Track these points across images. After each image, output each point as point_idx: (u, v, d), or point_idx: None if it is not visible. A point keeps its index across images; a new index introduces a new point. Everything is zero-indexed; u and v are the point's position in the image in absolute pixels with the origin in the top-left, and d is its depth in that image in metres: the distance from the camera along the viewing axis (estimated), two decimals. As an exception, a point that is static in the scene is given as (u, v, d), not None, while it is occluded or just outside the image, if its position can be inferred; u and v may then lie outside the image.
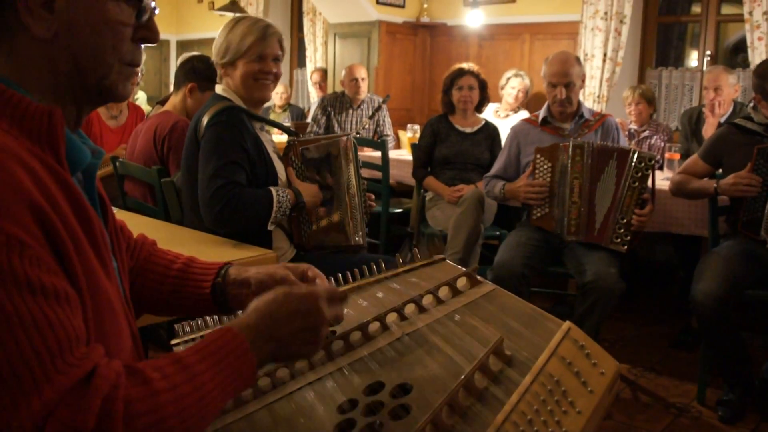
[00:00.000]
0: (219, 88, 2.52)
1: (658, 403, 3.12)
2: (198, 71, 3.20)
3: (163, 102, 3.58)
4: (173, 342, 1.47)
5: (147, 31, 1.04)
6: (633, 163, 3.06)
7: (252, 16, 2.57)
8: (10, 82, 0.93)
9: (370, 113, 5.60)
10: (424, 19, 6.74)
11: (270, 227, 2.35)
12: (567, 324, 1.08)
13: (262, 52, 2.42)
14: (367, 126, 5.56)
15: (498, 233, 4.11)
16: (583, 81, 3.43)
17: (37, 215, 0.83)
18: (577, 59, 3.39)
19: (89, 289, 0.91)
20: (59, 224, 0.86)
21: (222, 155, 2.31)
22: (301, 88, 8.49)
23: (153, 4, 1.04)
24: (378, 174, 4.54)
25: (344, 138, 2.61)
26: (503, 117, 5.47)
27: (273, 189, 2.36)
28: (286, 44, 2.75)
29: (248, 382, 1.00)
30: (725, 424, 2.90)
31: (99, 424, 0.79)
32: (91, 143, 1.07)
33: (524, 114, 5.33)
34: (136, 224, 2.44)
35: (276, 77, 2.50)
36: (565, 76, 3.30)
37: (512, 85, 5.48)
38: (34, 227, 0.82)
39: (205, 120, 2.38)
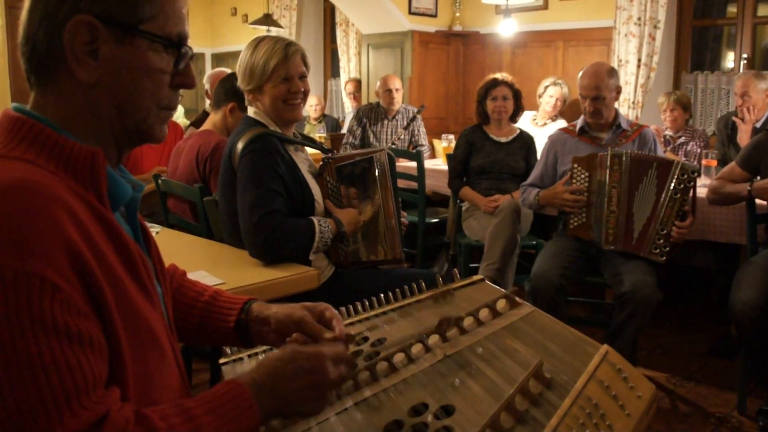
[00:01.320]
0: (250, 111, 2.53)
1: (697, 413, 3.12)
2: (238, 91, 3.27)
3: (197, 123, 3.64)
4: (221, 361, 1.53)
5: (184, 77, 1.10)
6: (676, 175, 3.06)
7: (271, 35, 2.54)
8: (56, 125, 1.00)
9: (405, 124, 5.65)
10: (457, 28, 6.78)
11: (311, 257, 2.35)
12: (605, 347, 1.12)
13: (287, 73, 2.41)
14: (402, 136, 5.61)
15: (534, 242, 4.13)
16: (619, 92, 3.43)
17: (74, 258, 0.89)
18: (610, 71, 3.39)
19: (127, 323, 0.96)
20: (95, 266, 0.92)
21: (259, 184, 2.31)
22: (335, 98, 8.58)
23: (191, 52, 1.09)
24: (414, 184, 4.59)
25: (379, 153, 2.62)
26: (541, 125, 5.48)
27: (315, 220, 2.36)
28: (319, 55, 2.78)
29: None
30: (767, 434, 2.89)
31: None
32: (132, 177, 1.14)
33: (562, 122, 5.34)
34: (182, 243, 2.53)
35: (305, 94, 2.49)
36: (595, 89, 3.32)
37: (550, 94, 5.48)
38: (69, 271, 0.88)
39: (239, 147, 2.39)
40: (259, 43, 2.44)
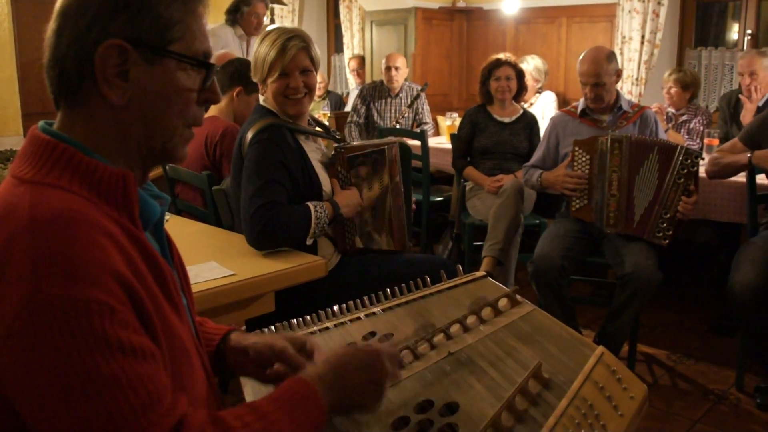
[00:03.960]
0: (261, 99, 2.56)
1: (696, 390, 3.19)
2: (242, 74, 3.28)
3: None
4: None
5: (210, 93, 1.12)
6: (680, 159, 3.10)
7: (280, 26, 2.52)
8: (86, 148, 1.02)
9: (409, 102, 5.67)
10: (460, 4, 6.76)
11: (308, 242, 2.37)
12: (600, 349, 1.18)
13: (285, 68, 2.40)
14: (406, 114, 5.63)
15: (538, 222, 4.18)
16: (619, 75, 3.46)
17: (122, 281, 0.93)
18: (609, 56, 3.41)
19: (166, 339, 1.01)
20: (139, 287, 0.97)
21: (262, 174, 2.34)
22: (339, 74, 8.59)
23: (217, 68, 1.13)
24: (418, 163, 4.64)
25: (392, 145, 2.64)
26: (528, 106, 5.49)
27: (311, 204, 2.37)
28: (323, 31, 2.73)
29: (319, 427, 1.09)
30: (763, 411, 2.97)
31: None
32: (156, 190, 1.17)
33: (548, 94, 5.43)
34: (192, 232, 2.59)
35: (309, 88, 2.46)
36: (594, 76, 3.35)
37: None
38: (120, 293, 0.92)
39: (248, 136, 2.42)
40: (266, 36, 2.45)
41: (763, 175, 3.27)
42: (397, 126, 5.51)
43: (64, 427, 0.87)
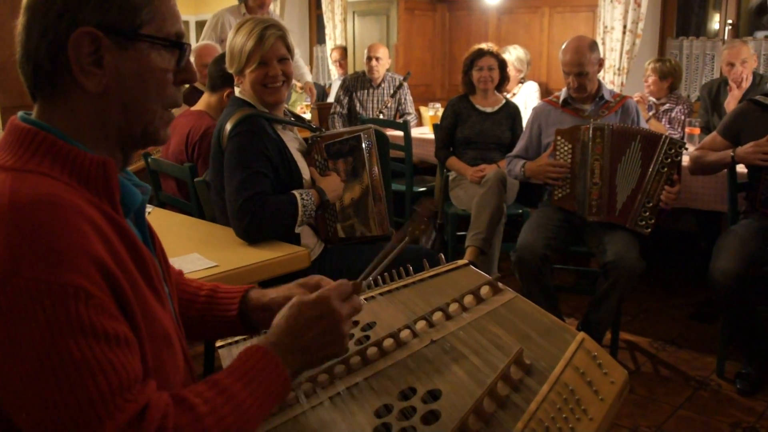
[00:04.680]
0: (237, 91, 2.55)
1: (678, 376, 3.23)
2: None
3: (188, 100, 3.63)
4: (218, 344, 1.60)
5: (186, 73, 1.13)
6: (664, 149, 3.12)
7: (255, 17, 2.53)
8: (66, 136, 1.03)
9: (392, 92, 5.67)
10: (443, -6, 6.76)
11: (297, 230, 2.39)
12: (581, 335, 1.19)
13: (263, 56, 2.41)
14: (389, 104, 5.63)
15: (521, 211, 4.19)
16: (601, 65, 3.48)
17: (101, 266, 0.94)
18: (592, 45, 3.43)
19: (146, 325, 1.02)
20: (119, 272, 0.97)
21: (245, 166, 2.34)
22: (321, 65, 8.55)
23: (190, 48, 1.13)
24: (401, 153, 4.64)
25: (367, 130, 2.66)
26: (510, 96, 5.50)
27: (297, 193, 2.39)
28: (305, 22, 2.76)
29: (283, 394, 1.11)
30: (743, 397, 3.01)
31: None
32: (137, 179, 1.18)
33: (530, 84, 5.43)
34: (174, 223, 2.58)
35: (287, 77, 2.48)
36: (577, 65, 3.37)
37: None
38: (99, 278, 0.93)
39: (227, 128, 2.42)
40: (241, 26, 2.45)
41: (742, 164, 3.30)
42: (381, 116, 5.50)
43: (32, 408, 0.88)
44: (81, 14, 1.00)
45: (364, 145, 2.64)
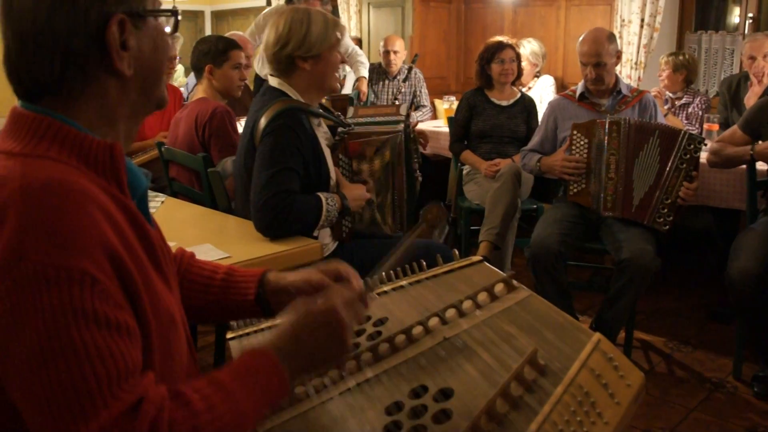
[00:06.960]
0: (275, 81, 2.47)
1: (693, 378, 3.18)
2: (206, 52, 3.32)
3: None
4: (229, 336, 1.59)
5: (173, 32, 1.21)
6: (683, 144, 3.08)
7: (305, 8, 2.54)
8: (71, 120, 1.04)
9: (403, 77, 5.67)
10: (459, -14, 6.71)
11: (315, 234, 2.36)
12: (597, 335, 1.16)
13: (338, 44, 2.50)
14: (403, 90, 5.61)
15: (535, 206, 4.15)
16: (619, 57, 3.44)
17: (109, 252, 0.95)
18: (610, 36, 3.39)
19: (154, 311, 1.03)
20: (127, 257, 0.98)
21: (277, 162, 2.30)
22: (336, 56, 8.51)
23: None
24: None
25: (398, 132, 2.62)
26: (526, 90, 5.46)
27: (323, 196, 2.35)
28: None
29: (281, 396, 1.11)
30: (760, 400, 2.95)
31: None
32: (136, 167, 1.19)
33: (546, 78, 5.36)
34: (187, 214, 2.57)
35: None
36: (595, 56, 3.32)
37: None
38: (106, 264, 0.94)
39: (263, 122, 2.36)
40: (310, 14, 2.43)
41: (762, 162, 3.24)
42: (396, 102, 5.49)
43: (29, 390, 0.89)
44: (107, 3, 1.04)
45: (390, 150, 2.60)
